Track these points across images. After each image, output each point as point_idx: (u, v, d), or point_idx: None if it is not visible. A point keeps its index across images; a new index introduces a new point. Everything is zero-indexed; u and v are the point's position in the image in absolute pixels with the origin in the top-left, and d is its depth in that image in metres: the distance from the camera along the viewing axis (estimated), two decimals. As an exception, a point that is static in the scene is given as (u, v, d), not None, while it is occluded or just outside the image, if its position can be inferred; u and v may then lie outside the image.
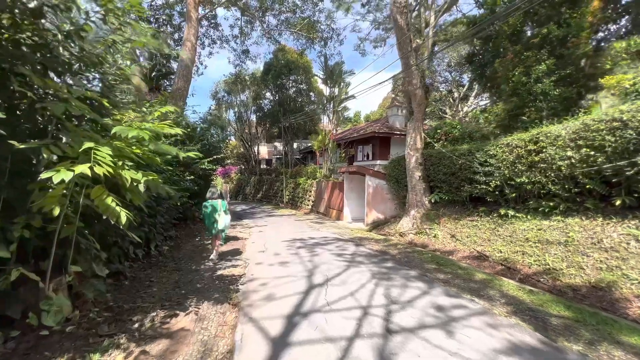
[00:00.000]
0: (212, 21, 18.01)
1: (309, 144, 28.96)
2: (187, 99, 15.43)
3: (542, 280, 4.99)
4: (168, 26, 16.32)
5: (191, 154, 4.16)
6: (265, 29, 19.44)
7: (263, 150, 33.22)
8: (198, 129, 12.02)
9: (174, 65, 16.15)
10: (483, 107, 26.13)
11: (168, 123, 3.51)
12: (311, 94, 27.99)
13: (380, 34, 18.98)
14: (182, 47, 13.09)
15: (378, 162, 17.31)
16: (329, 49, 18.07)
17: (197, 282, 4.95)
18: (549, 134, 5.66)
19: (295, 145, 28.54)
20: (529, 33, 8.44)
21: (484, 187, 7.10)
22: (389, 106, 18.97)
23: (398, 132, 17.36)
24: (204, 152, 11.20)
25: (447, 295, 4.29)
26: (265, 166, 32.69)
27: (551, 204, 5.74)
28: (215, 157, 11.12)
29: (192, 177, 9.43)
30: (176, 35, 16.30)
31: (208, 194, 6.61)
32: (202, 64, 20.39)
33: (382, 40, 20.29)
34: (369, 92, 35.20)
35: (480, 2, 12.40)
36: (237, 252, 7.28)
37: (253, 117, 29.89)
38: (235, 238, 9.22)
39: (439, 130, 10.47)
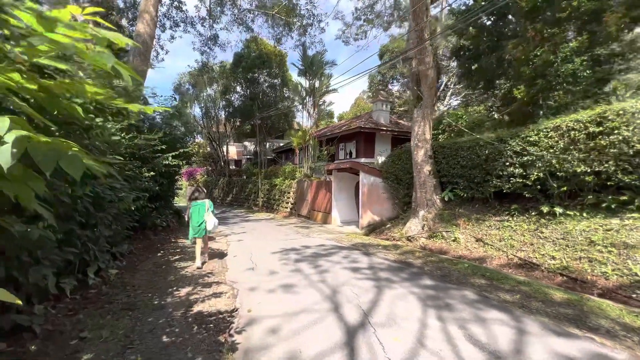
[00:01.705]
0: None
1: (282, 144, 27.18)
2: (144, 84, 13.05)
3: (635, 295, 3.86)
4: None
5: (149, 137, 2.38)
6: (237, 12, 17.44)
7: (232, 151, 30.69)
8: (157, 118, 9.83)
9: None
10: (461, 104, 26.28)
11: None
12: (285, 90, 26.27)
13: (361, 25, 17.85)
14: (138, 19, 10.78)
15: (362, 160, 16.09)
16: (309, 36, 16.59)
17: (163, 331, 3.12)
18: (622, 112, 4.63)
19: (267, 145, 26.56)
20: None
21: (520, 180, 6.00)
22: (373, 100, 17.90)
23: (384, 128, 16.30)
24: (167, 145, 9.10)
25: (552, 333, 2.94)
26: (234, 167, 30.20)
27: (622, 198, 4.71)
28: (181, 150, 9.04)
29: (151, 174, 7.34)
30: (130, 2, 13.72)
31: (195, 194, 6.24)
32: (162, 48, 17.81)
33: (363, 32, 19.23)
34: (348, 83, 33.83)
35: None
36: (216, 271, 5.43)
37: (222, 114, 27.39)
38: (211, 251, 7.29)
39: (444, 121, 9.40)
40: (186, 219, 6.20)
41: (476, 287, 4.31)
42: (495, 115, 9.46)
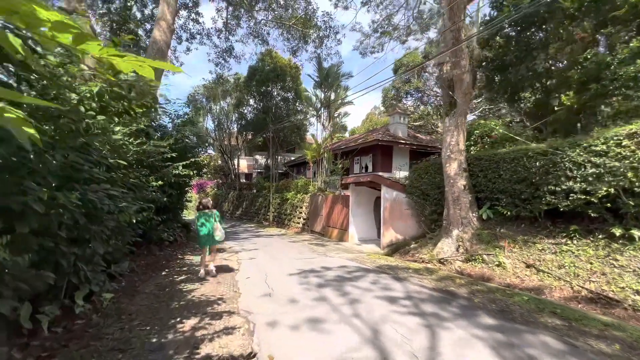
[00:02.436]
0: (193, 10, 15.69)
1: (293, 158, 26.70)
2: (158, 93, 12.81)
3: None
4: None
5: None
6: (253, 25, 17.40)
7: (243, 164, 30.37)
8: (169, 125, 9.37)
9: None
10: (477, 119, 25.48)
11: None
12: (298, 103, 26.05)
13: (379, 36, 17.52)
14: (154, 26, 10.58)
15: (380, 174, 15.33)
16: (325, 48, 16.30)
17: (160, 384, 2.35)
18: None
19: (278, 158, 26.12)
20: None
21: (582, 197, 5.12)
22: (390, 113, 17.31)
23: (402, 141, 15.60)
24: (177, 153, 8.57)
25: None
26: (244, 180, 29.76)
27: None
28: (193, 159, 8.48)
29: (159, 183, 6.73)
30: (147, 11, 13.68)
31: (201, 205, 6.20)
32: (177, 59, 17.80)
33: (380, 45, 18.93)
34: (363, 95, 33.53)
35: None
36: (227, 297, 4.66)
37: (234, 127, 27.24)
38: (220, 269, 6.53)
39: (475, 132, 8.64)
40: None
41: (553, 330, 3.41)
42: (526, 128, 8.65)
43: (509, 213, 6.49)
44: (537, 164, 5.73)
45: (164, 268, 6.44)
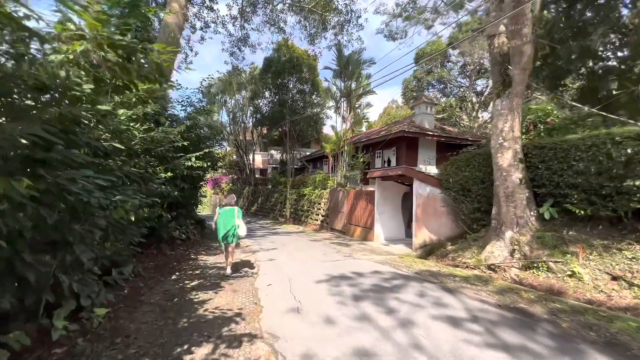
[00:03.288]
0: (207, -2, 14.95)
1: (308, 152, 25.80)
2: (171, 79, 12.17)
3: None
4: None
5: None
6: (269, 12, 16.54)
7: (257, 159, 29.75)
8: (181, 113, 8.63)
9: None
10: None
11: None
12: (315, 96, 25.10)
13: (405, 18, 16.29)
14: (167, 6, 9.86)
15: (411, 167, 14.24)
16: (345, 33, 15.23)
17: None
18: None
19: (294, 153, 25.30)
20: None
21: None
22: (415, 103, 16.09)
23: (430, 133, 14.41)
24: (190, 143, 7.84)
25: None
26: (259, 176, 29.16)
27: None
28: (206, 150, 7.71)
29: (169, 174, 5.96)
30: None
31: (224, 201, 6.19)
32: (192, 49, 17.17)
33: (404, 32, 17.67)
34: (386, 82, 32.36)
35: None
36: (247, 312, 3.82)
37: (249, 122, 26.59)
38: (237, 273, 5.73)
39: (528, 117, 7.47)
40: (213, 227, 6.07)
41: None
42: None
43: (581, 212, 5.35)
44: (628, 151, 4.58)
45: (174, 271, 5.69)
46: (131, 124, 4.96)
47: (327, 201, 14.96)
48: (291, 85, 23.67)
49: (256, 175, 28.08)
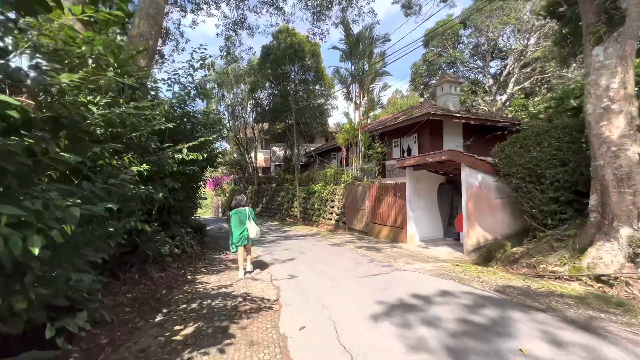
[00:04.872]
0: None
1: (312, 148, 24.04)
2: (154, 60, 10.41)
3: None
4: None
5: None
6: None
7: (260, 157, 28.00)
8: (166, 93, 6.88)
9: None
10: (532, 91, 21.95)
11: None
12: (318, 86, 23.31)
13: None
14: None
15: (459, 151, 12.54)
16: (355, 7, 13.42)
17: None
18: None
19: (299, 148, 23.55)
20: None
21: None
22: (438, 82, 14.30)
23: (458, 115, 12.66)
24: (179, 131, 6.15)
25: None
26: (262, 174, 27.45)
27: None
28: (202, 139, 5.99)
29: (144, 167, 4.20)
30: None
31: (233, 202, 5.80)
32: (182, 35, 15.40)
33: (417, 5, 15.86)
34: (401, 57, 30.72)
35: None
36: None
37: (250, 118, 24.79)
38: (252, 302, 4.04)
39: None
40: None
41: None
42: None
43: None
44: None
45: (161, 305, 3.99)
46: (83, 95, 3.26)
47: (341, 198, 13.26)
48: (293, 75, 21.88)
49: (259, 174, 26.39)
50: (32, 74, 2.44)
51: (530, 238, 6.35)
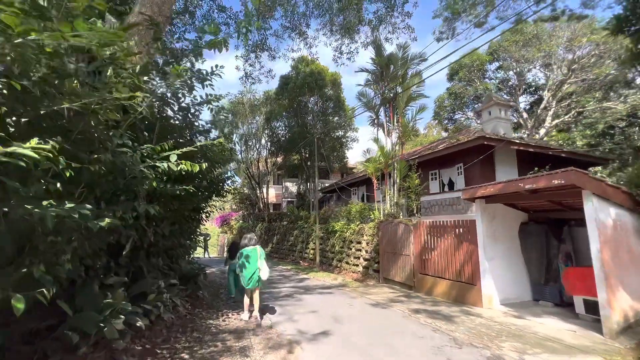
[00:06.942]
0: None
1: (327, 184, 21.98)
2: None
3: None
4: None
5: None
6: (289, 12, 13.85)
7: (271, 193, 26.00)
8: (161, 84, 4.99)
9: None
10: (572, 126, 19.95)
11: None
12: (337, 118, 21.96)
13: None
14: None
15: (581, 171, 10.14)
16: (388, 24, 12.17)
17: None
18: None
19: (316, 182, 21.54)
20: None
21: None
22: (484, 107, 12.43)
23: (517, 142, 10.54)
24: (170, 131, 4.12)
25: None
26: (273, 211, 25.19)
27: None
28: (200, 144, 3.92)
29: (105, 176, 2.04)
30: None
31: (243, 241, 5.53)
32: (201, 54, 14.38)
33: (452, 30, 14.77)
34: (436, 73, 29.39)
35: None
36: None
37: (263, 151, 23.28)
38: None
39: None
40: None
41: None
42: None
43: None
44: None
45: None
46: None
47: (371, 239, 10.78)
48: (311, 104, 20.63)
49: (270, 210, 24.15)
50: None
51: None
